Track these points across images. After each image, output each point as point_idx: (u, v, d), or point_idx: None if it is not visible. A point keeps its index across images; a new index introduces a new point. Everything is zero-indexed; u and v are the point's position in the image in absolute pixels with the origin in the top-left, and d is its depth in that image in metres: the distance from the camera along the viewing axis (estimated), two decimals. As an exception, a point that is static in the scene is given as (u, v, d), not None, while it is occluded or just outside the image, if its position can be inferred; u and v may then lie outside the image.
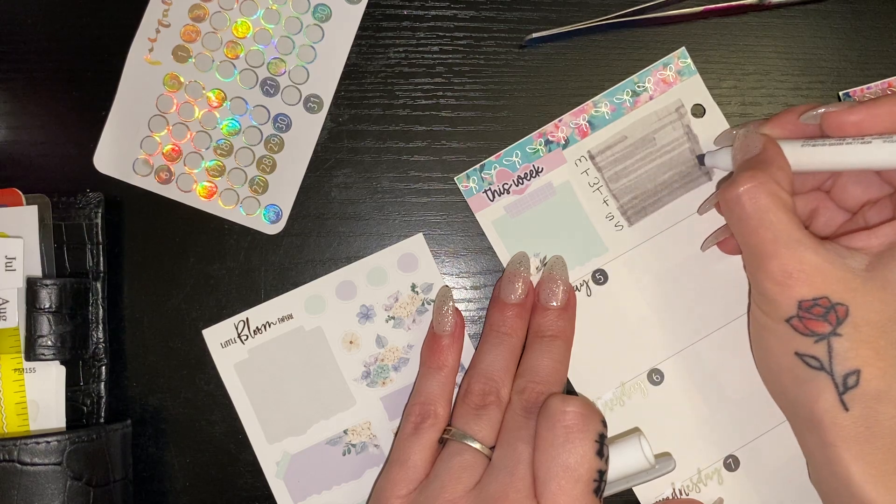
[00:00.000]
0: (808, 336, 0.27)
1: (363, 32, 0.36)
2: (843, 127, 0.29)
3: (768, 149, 0.30)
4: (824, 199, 0.33)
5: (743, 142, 0.31)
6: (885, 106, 0.28)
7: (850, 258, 0.27)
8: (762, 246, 0.28)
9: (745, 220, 0.28)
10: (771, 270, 0.27)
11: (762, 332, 0.30)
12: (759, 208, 0.28)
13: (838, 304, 0.27)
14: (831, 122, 0.29)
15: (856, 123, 0.28)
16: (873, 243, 0.28)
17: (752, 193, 0.28)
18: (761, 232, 0.28)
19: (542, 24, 0.36)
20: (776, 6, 0.36)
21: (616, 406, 0.35)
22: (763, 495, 0.35)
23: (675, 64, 0.36)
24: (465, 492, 0.29)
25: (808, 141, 0.30)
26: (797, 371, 0.28)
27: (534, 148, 0.36)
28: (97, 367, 0.34)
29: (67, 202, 0.34)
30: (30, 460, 0.30)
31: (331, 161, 0.36)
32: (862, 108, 0.28)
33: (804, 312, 0.27)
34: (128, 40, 0.36)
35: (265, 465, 0.35)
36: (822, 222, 0.33)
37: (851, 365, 0.27)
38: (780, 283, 0.27)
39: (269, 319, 0.35)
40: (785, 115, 0.31)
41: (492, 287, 0.36)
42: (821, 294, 0.27)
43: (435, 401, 0.33)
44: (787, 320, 0.28)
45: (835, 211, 0.32)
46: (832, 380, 0.27)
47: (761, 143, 0.30)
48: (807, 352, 0.27)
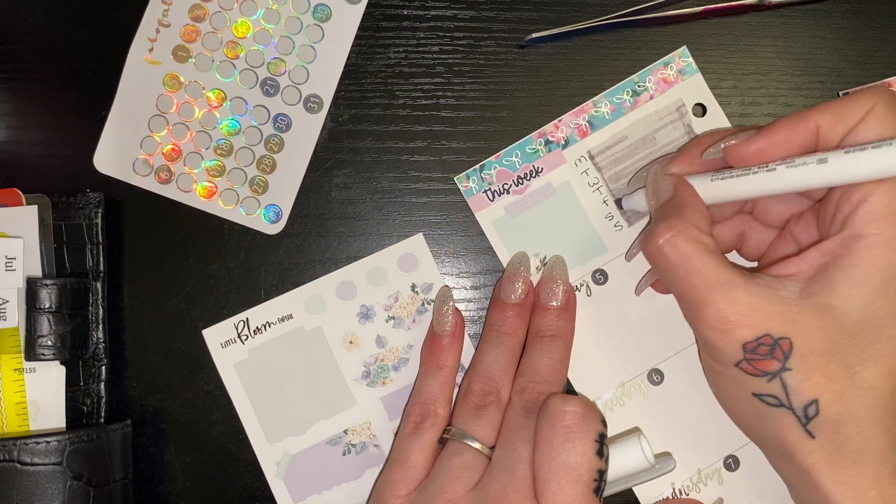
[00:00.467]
0: (760, 376, 0.27)
1: (363, 32, 0.36)
2: (746, 158, 0.29)
3: (679, 191, 0.30)
4: (749, 220, 0.33)
5: (653, 186, 0.31)
6: (782, 132, 0.28)
7: (782, 289, 0.27)
8: (693, 293, 0.28)
9: (670, 271, 0.28)
10: (708, 318, 0.27)
11: (715, 378, 0.30)
12: (682, 257, 0.28)
13: (781, 339, 0.27)
14: (734, 156, 0.29)
15: (757, 153, 0.28)
16: (802, 269, 0.27)
17: (673, 243, 0.28)
18: (690, 280, 0.28)
19: (542, 24, 0.36)
20: (776, 6, 0.36)
21: (616, 406, 0.35)
22: (763, 495, 0.35)
23: (677, 63, 0.36)
24: (465, 491, 0.29)
25: (717, 174, 0.30)
26: (758, 409, 0.28)
27: (534, 148, 0.36)
28: (97, 367, 0.34)
29: (67, 202, 0.34)
30: (30, 460, 0.30)
31: (331, 161, 0.36)
32: (760, 138, 0.28)
33: (750, 354, 0.27)
34: (128, 40, 0.36)
35: (265, 465, 0.35)
36: (753, 244, 0.33)
37: (808, 396, 0.27)
38: (719, 329, 0.27)
39: (269, 319, 0.35)
40: (689, 151, 0.31)
41: (492, 287, 0.36)
42: (762, 332, 0.27)
43: (435, 400, 0.33)
44: (737, 364, 0.28)
45: (762, 231, 0.32)
46: (794, 413, 0.27)
47: (671, 185, 0.30)
48: (763, 391, 0.27)
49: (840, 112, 0.27)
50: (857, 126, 0.27)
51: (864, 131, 0.27)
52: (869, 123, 0.27)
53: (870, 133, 0.27)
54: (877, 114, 0.27)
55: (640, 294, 0.35)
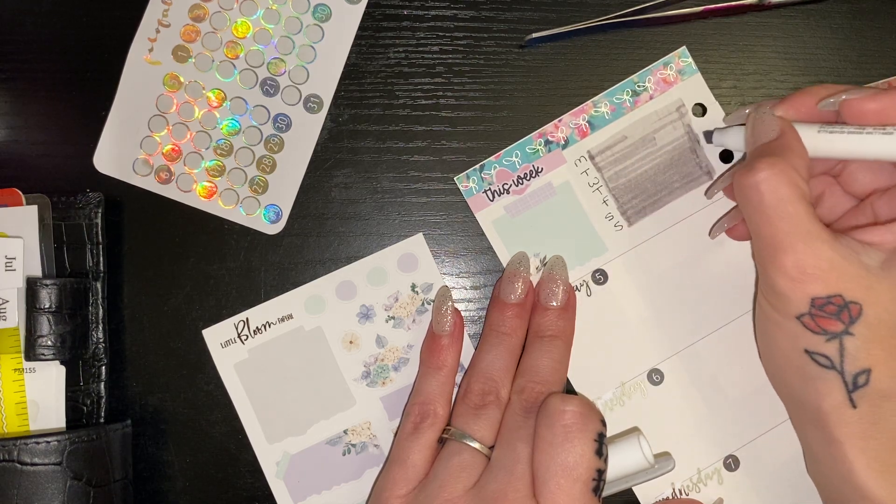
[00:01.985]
0: (819, 334, 0.27)
1: (363, 32, 0.36)
2: (863, 115, 0.28)
3: (786, 134, 0.29)
4: (832, 183, 0.32)
5: (758, 124, 0.30)
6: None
7: (864, 254, 0.27)
8: (777, 238, 0.27)
9: (761, 210, 0.27)
10: (785, 265, 0.27)
11: (769, 327, 0.29)
12: (777, 198, 0.27)
13: (852, 303, 0.26)
14: (851, 110, 0.28)
15: (877, 112, 0.27)
16: (888, 239, 0.27)
17: (772, 182, 0.27)
18: (778, 223, 0.27)
19: (542, 24, 0.36)
20: (776, 6, 0.36)
21: (616, 406, 0.35)
22: (763, 495, 0.35)
23: (676, 63, 0.36)
24: (464, 491, 0.29)
25: (825, 126, 0.29)
26: (805, 368, 0.28)
27: (533, 148, 0.36)
28: (97, 367, 0.34)
29: (67, 202, 0.34)
30: (30, 460, 0.30)
31: (331, 161, 0.36)
32: (884, 97, 0.27)
33: (817, 310, 0.27)
34: (128, 40, 0.36)
35: (265, 465, 0.35)
36: (828, 208, 0.32)
37: (862, 364, 0.26)
38: (793, 278, 0.27)
39: (269, 319, 0.35)
40: (801, 98, 0.30)
41: (492, 287, 0.36)
42: (835, 292, 0.26)
43: (434, 400, 0.33)
44: (799, 317, 0.27)
45: (841, 197, 0.32)
46: (842, 378, 0.26)
47: (778, 127, 0.29)
48: (817, 350, 0.27)
49: None
50: None
51: None
52: None
53: None
54: None
55: (714, 238, 0.35)
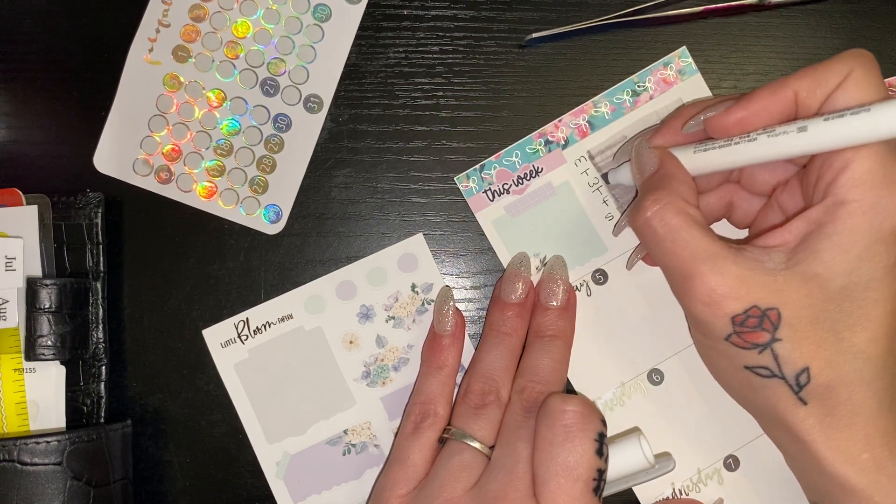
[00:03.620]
0: (750, 349, 0.27)
1: (363, 32, 0.36)
2: (726, 129, 0.29)
3: (665, 164, 0.30)
4: (736, 189, 0.33)
5: (638, 159, 0.31)
6: (760, 101, 0.28)
7: (768, 260, 0.27)
8: (681, 266, 0.28)
9: (658, 243, 0.28)
10: (696, 292, 0.27)
11: (707, 353, 0.30)
12: (669, 229, 0.28)
13: (769, 309, 0.27)
14: (714, 127, 0.29)
15: (737, 124, 0.28)
16: (787, 239, 0.28)
17: (660, 215, 0.28)
18: (677, 252, 0.28)
19: (542, 24, 0.36)
20: (776, 6, 0.36)
21: (616, 406, 0.35)
22: (763, 495, 0.35)
23: (676, 63, 0.36)
24: (465, 491, 0.29)
25: (700, 145, 0.30)
26: (751, 381, 0.28)
27: (533, 148, 0.36)
28: (97, 367, 0.34)
29: (67, 202, 0.34)
30: (30, 460, 0.30)
31: (331, 161, 0.36)
32: (738, 109, 0.28)
33: (739, 327, 0.27)
34: (128, 40, 0.36)
35: (265, 465, 0.35)
36: (741, 213, 0.33)
37: (799, 364, 0.27)
38: (707, 303, 0.27)
39: (269, 319, 0.35)
40: (670, 123, 0.31)
41: (492, 287, 0.36)
42: (749, 304, 0.27)
43: (435, 400, 0.33)
44: (727, 338, 0.28)
45: (749, 199, 0.32)
46: (786, 383, 0.27)
47: (657, 158, 0.30)
48: (755, 364, 0.28)
49: (817, 78, 0.27)
50: (835, 91, 0.27)
51: (843, 96, 0.27)
52: (847, 88, 0.26)
53: (849, 98, 0.26)
54: (855, 78, 0.26)
55: (631, 269, 0.35)
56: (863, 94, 0.26)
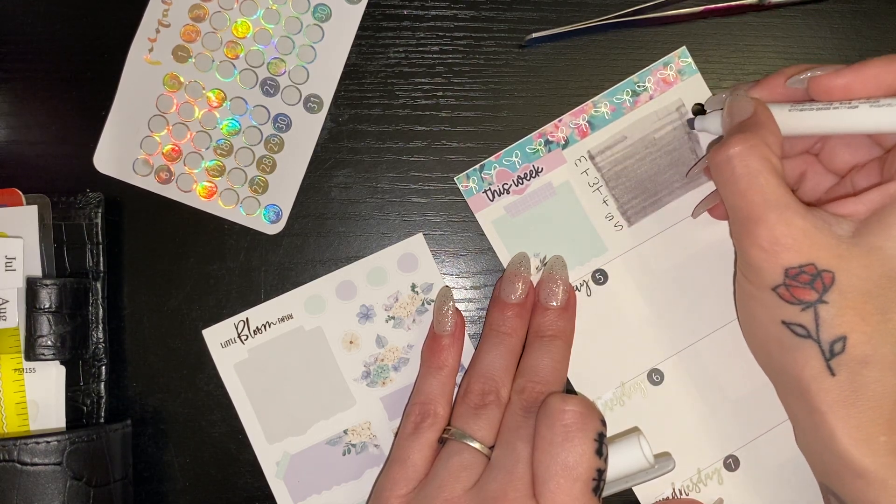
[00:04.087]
0: (794, 304, 0.27)
1: (363, 32, 0.36)
2: (830, 91, 0.28)
3: (759, 112, 0.30)
4: (813, 162, 0.33)
5: (733, 105, 0.31)
6: (872, 68, 0.28)
7: (836, 225, 0.27)
8: (750, 209, 0.27)
9: (734, 183, 0.28)
10: (758, 236, 0.27)
11: (748, 301, 0.30)
12: (749, 171, 0.28)
13: (825, 271, 0.26)
14: (818, 87, 0.29)
15: (843, 87, 0.28)
16: (859, 209, 0.27)
17: (743, 156, 0.28)
18: (750, 195, 0.27)
19: (542, 24, 0.36)
20: (776, 6, 0.36)
21: (616, 406, 0.35)
22: (763, 495, 0.35)
23: (676, 63, 0.36)
24: (464, 491, 0.29)
25: (796, 105, 0.29)
26: (783, 339, 0.28)
27: (534, 148, 0.36)
28: (97, 367, 0.34)
29: (67, 202, 0.34)
30: (30, 460, 0.30)
31: (331, 161, 0.36)
32: (848, 72, 0.28)
33: (790, 280, 0.27)
34: (128, 40, 0.36)
35: (265, 465, 0.35)
36: (810, 186, 0.33)
37: (838, 332, 0.27)
38: (766, 249, 0.27)
39: (269, 319, 0.35)
40: (773, 79, 0.31)
41: (492, 287, 0.36)
42: (807, 261, 0.27)
43: (435, 400, 0.33)
44: (774, 289, 0.27)
45: (823, 175, 0.32)
46: (819, 347, 0.27)
47: (751, 106, 0.30)
48: (793, 320, 0.27)
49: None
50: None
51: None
52: None
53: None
54: None
55: (697, 217, 0.35)
56: None
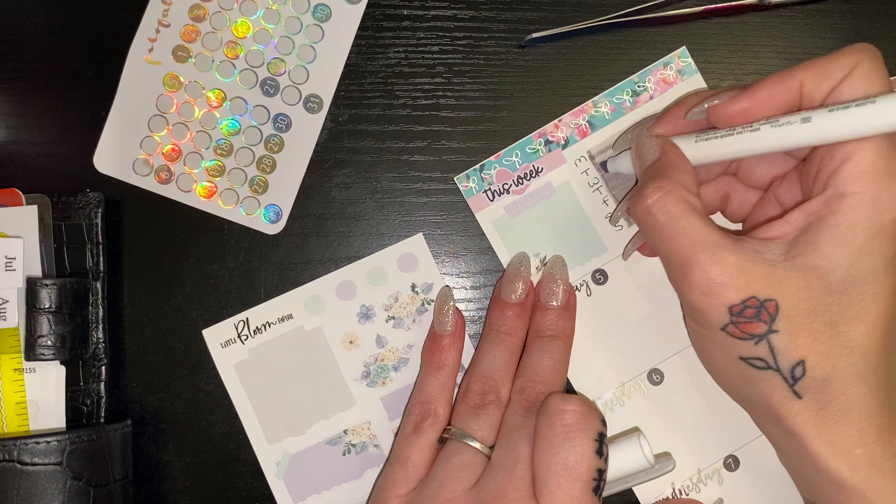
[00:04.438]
0: (746, 339, 0.27)
1: (363, 32, 0.36)
2: (729, 118, 0.28)
3: (667, 152, 0.30)
4: (733, 182, 0.33)
5: (639, 147, 0.31)
6: (764, 90, 0.28)
7: (766, 251, 0.27)
8: (680, 255, 0.27)
9: (658, 231, 0.28)
10: (694, 280, 0.27)
11: (702, 343, 0.30)
12: (670, 217, 0.28)
13: (767, 301, 0.27)
14: (717, 116, 0.29)
15: (740, 113, 0.28)
16: (786, 230, 0.27)
17: (661, 203, 0.28)
18: (677, 240, 0.27)
19: (542, 24, 0.36)
20: (776, 6, 0.36)
21: (616, 406, 0.35)
22: (763, 495, 0.35)
23: (676, 63, 0.36)
24: (464, 491, 0.29)
25: (701, 135, 0.29)
26: (745, 373, 0.28)
27: (533, 148, 0.36)
28: (97, 367, 0.34)
29: (67, 202, 0.34)
30: (30, 460, 0.30)
31: (331, 161, 0.36)
32: (743, 98, 0.28)
33: (736, 317, 0.27)
34: (128, 40, 0.36)
35: (265, 465, 0.35)
36: (737, 206, 0.33)
37: (795, 357, 0.27)
38: (705, 292, 0.27)
39: (269, 319, 0.35)
40: (673, 112, 0.31)
41: (492, 287, 0.36)
42: (748, 295, 0.27)
43: (435, 400, 0.33)
44: (723, 328, 0.28)
45: (746, 192, 0.32)
46: (780, 375, 0.27)
47: (658, 147, 0.30)
48: (750, 355, 0.27)
49: (823, 69, 0.27)
50: (840, 84, 0.27)
51: (848, 89, 0.26)
52: (853, 81, 0.26)
53: (854, 90, 0.26)
54: (860, 71, 0.26)
55: (628, 259, 0.35)
56: (868, 88, 0.26)
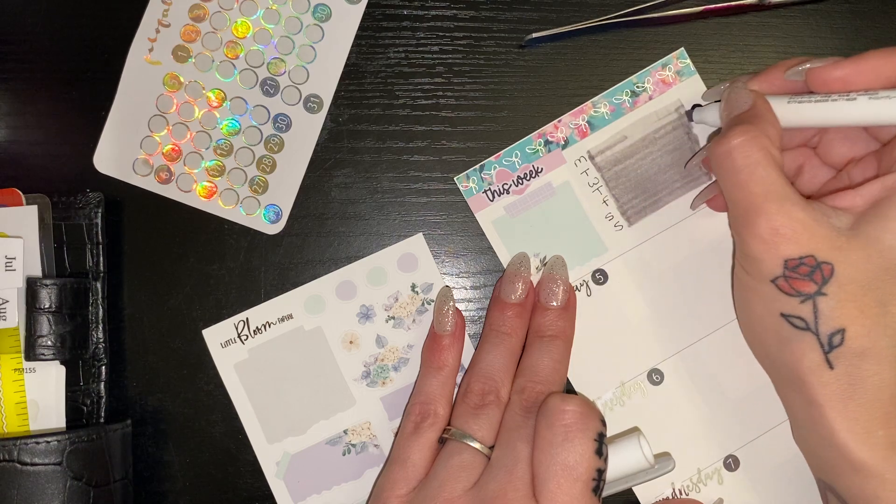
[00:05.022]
0: (793, 296, 0.27)
1: (363, 32, 0.36)
2: (827, 83, 0.28)
3: (758, 104, 0.30)
4: (810, 155, 0.32)
5: (731, 97, 0.31)
6: (871, 61, 0.27)
7: (835, 217, 0.27)
8: (750, 200, 0.27)
9: (734, 175, 0.28)
10: (758, 227, 0.27)
11: (746, 294, 0.30)
12: (749, 162, 0.27)
13: (824, 263, 0.26)
14: (816, 79, 0.29)
15: (840, 79, 0.28)
16: (857, 202, 0.27)
17: (744, 147, 0.28)
18: (750, 186, 0.27)
19: (542, 24, 0.36)
20: (776, 6, 0.36)
21: (616, 406, 0.35)
22: (763, 495, 0.35)
23: (675, 64, 0.36)
24: (464, 491, 0.29)
25: (795, 97, 0.29)
26: (782, 331, 0.28)
27: (533, 148, 0.36)
28: (97, 367, 0.34)
29: (67, 202, 0.34)
30: (30, 460, 0.30)
31: (331, 161, 0.36)
32: (846, 64, 0.28)
33: (790, 272, 0.27)
34: (128, 40, 0.36)
35: (265, 465, 0.35)
36: (807, 179, 0.33)
37: (836, 324, 0.26)
38: (766, 241, 0.27)
39: (269, 319, 0.35)
40: (772, 71, 0.31)
41: (492, 287, 0.36)
42: (807, 252, 0.27)
43: (435, 400, 0.33)
44: (773, 280, 0.27)
45: (820, 168, 0.32)
46: (818, 339, 0.27)
47: (750, 98, 0.30)
48: (792, 312, 0.27)
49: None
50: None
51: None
52: None
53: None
54: None
55: (696, 208, 0.35)
56: None
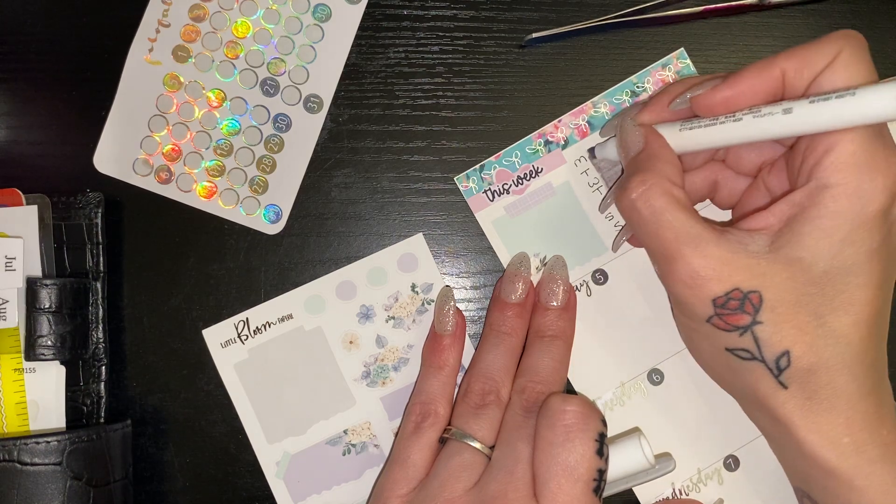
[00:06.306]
0: (731, 331, 0.27)
1: (363, 32, 0.36)
2: (711, 108, 0.28)
3: (650, 144, 0.30)
4: (722, 168, 0.33)
5: (624, 137, 0.31)
6: (747, 80, 0.28)
7: (751, 243, 0.27)
8: (664, 247, 0.28)
9: (642, 225, 0.28)
10: (678, 273, 0.27)
11: (689, 334, 0.30)
12: (654, 211, 0.28)
13: (751, 292, 0.27)
14: (699, 106, 0.29)
15: (723, 103, 0.28)
16: (771, 222, 0.27)
17: (645, 198, 0.28)
18: (661, 234, 0.28)
19: (542, 24, 0.36)
20: (776, 6, 0.36)
21: (616, 406, 0.35)
22: (763, 495, 0.35)
23: (675, 65, 0.36)
24: (465, 491, 0.29)
25: (686, 123, 0.29)
26: (732, 364, 0.28)
27: (533, 148, 0.36)
28: (97, 367, 0.34)
29: (67, 202, 0.34)
30: (30, 460, 0.30)
31: (331, 161, 0.36)
32: (724, 87, 0.28)
33: (720, 309, 0.27)
34: (128, 40, 0.36)
35: (265, 465, 0.35)
36: (726, 193, 0.33)
37: (779, 348, 0.27)
38: (689, 285, 0.27)
39: (269, 319, 0.35)
40: (658, 100, 0.31)
41: (492, 287, 0.36)
42: (731, 287, 0.27)
43: (435, 400, 0.33)
44: (708, 320, 0.28)
45: (735, 179, 0.32)
46: (765, 366, 0.27)
47: (642, 137, 0.30)
48: (735, 346, 0.28)
49: (805, 58, 0.27)
50: (822, 72, 0.26)
51: (831, 77, 0.26)
52: (835, 70, 0.26)
53: (836, 79, 0.26)
54: (843, 60, 0.26)
55: (617, 250, 0.36)
56: (850, 76, 0.26)
